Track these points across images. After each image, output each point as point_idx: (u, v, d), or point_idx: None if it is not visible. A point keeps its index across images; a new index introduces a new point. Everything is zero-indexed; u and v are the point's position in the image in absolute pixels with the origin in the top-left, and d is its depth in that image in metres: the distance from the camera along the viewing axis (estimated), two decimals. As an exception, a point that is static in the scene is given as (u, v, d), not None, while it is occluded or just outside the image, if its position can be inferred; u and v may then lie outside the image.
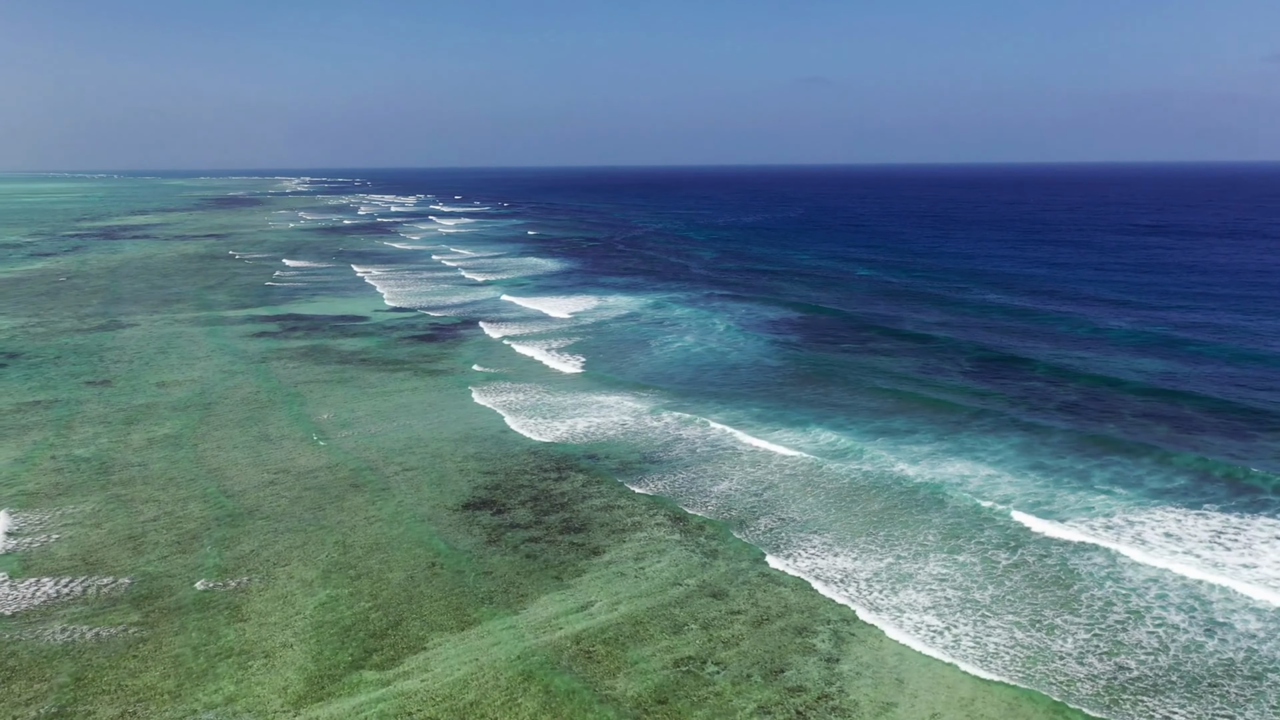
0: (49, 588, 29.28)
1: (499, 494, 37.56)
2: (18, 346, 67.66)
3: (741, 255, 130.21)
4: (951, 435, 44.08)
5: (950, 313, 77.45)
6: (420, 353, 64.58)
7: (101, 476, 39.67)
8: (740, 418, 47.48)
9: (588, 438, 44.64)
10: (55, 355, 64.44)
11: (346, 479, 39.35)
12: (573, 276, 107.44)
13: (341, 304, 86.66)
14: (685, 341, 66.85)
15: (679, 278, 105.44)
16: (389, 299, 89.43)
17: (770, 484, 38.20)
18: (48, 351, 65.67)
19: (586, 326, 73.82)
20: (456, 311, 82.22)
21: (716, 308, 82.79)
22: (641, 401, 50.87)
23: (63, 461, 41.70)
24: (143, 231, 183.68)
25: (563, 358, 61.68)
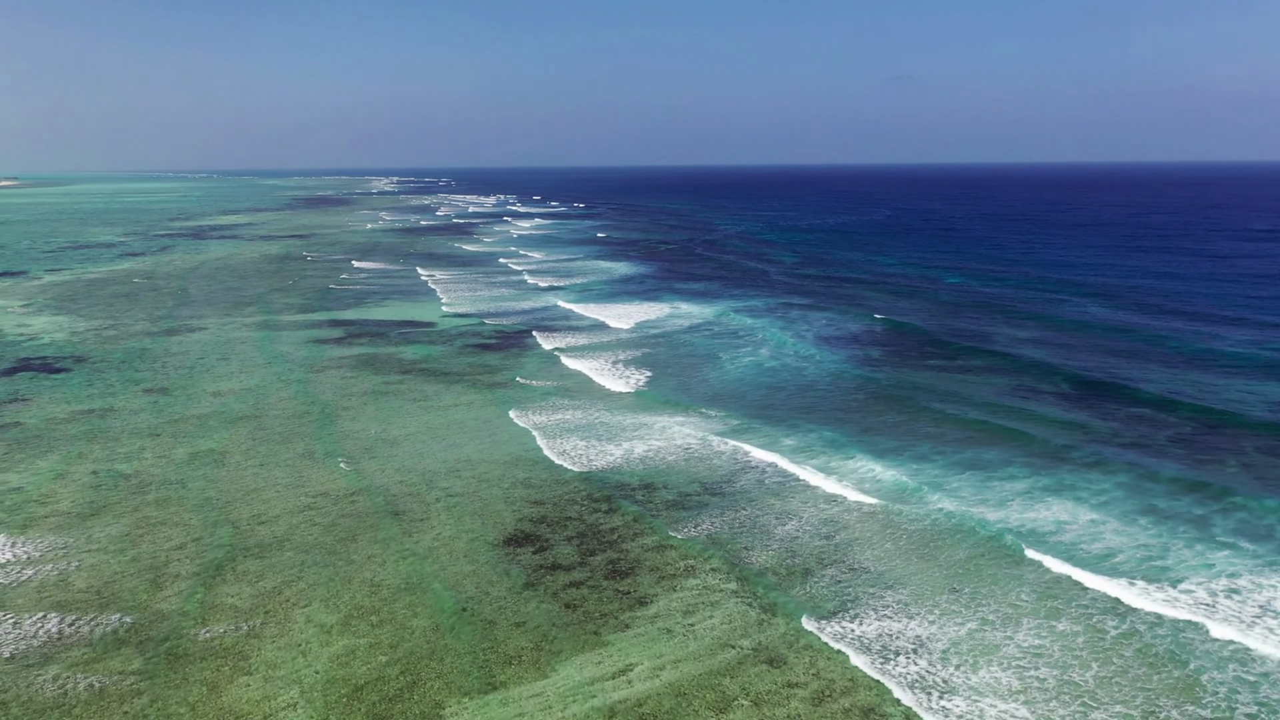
0: (54, 625, 27.38)
1: (544, 528, 34.70)
2: (87, 350, 67.61)
3: (823, 260, 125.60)
4: (1048, 471, 39.70)
5: (1046, 328, 72.12)
6: (481, 363, 62.32)
7: (137, 496, 38.08)
8: (813, 445, 43.78)
9: (645, 464, 41.51)
10: (120, 360, 64.05)
11: (386, 505, 36.99)
12: (645, 282, 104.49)
13: (409, 309, 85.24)
14: (758, 355, 63.22)
15: (756, 284, 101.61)
16: (456, 304, 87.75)
17: (842, 525, 34.54)
18: (114, 356, 65.37)
19: (654, 337, 70.72)
20: (522, 319, 79.97)
21: (793, 318, 78.86)
22: (706, 423, 47.53)
23: (103, 477, 40.31)
24: (230, 232, 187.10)
25: (626, 372, 58.70)
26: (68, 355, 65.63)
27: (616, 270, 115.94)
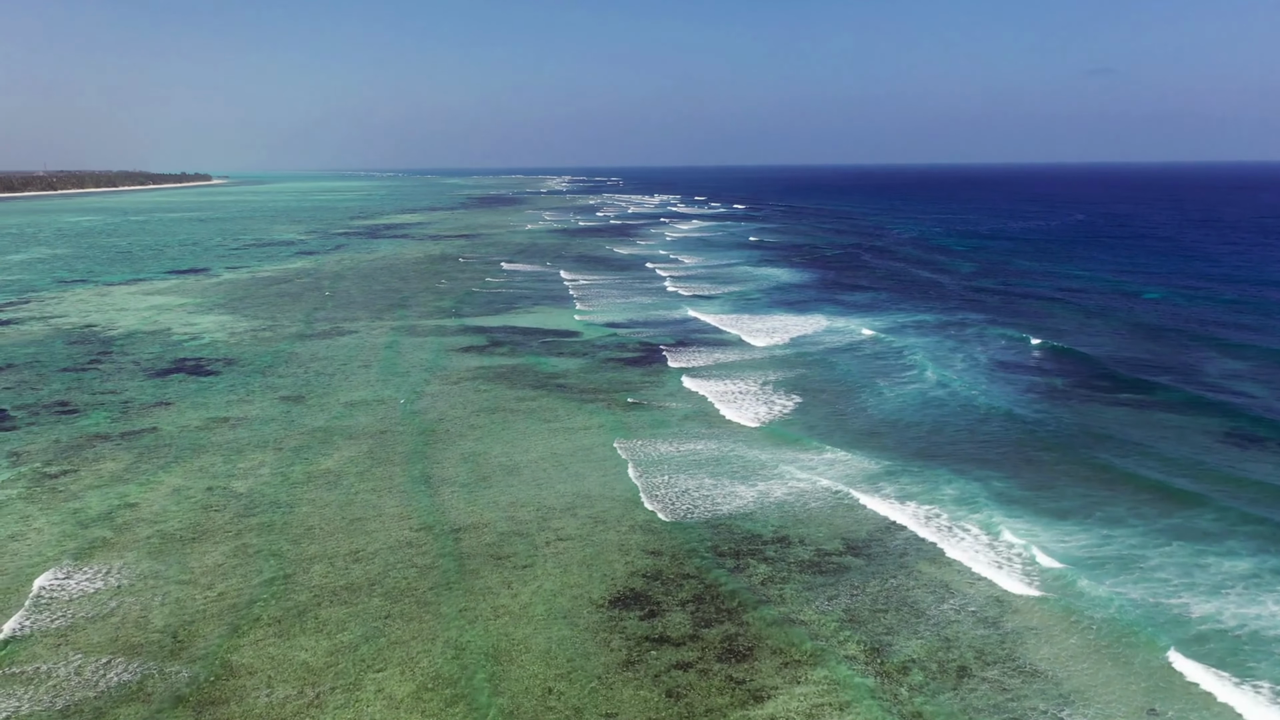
0: (117, 673, 25.37)
1: (657, 586, 30.61)
2: (240, 352, 68.48)
3: (1004, 270, 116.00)
4: (1277, 547, 32.47)
5: (1268, 360, 62.29)
6: (621, 380, 58.85)
7: (242, 519, 36.45)
8: (979, 498, 37.81)
9: (781, 512, 36.75)
10: (268, 364, 64.32)
11: (491, 546, 33.82)
12: (806, 291, 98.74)
13: (555, 316, 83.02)
14: (922, 382, 56.95)
15: (927, 296, 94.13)
16: (603, 313, 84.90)
17: (1010, 607, 28.82)
18: (263, 360, 65.79)
19: (810, 355, 65.39)
20: (669, 331, 76.14)
21: (967, 337, 71.70)
22: (857, 464, 42.21)
23: (215, 496, 39.06)
24: (403, 231, 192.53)
25: (772, 396, 53.83)
26: (220, 358, 66.55)
27: (774, 278, 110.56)
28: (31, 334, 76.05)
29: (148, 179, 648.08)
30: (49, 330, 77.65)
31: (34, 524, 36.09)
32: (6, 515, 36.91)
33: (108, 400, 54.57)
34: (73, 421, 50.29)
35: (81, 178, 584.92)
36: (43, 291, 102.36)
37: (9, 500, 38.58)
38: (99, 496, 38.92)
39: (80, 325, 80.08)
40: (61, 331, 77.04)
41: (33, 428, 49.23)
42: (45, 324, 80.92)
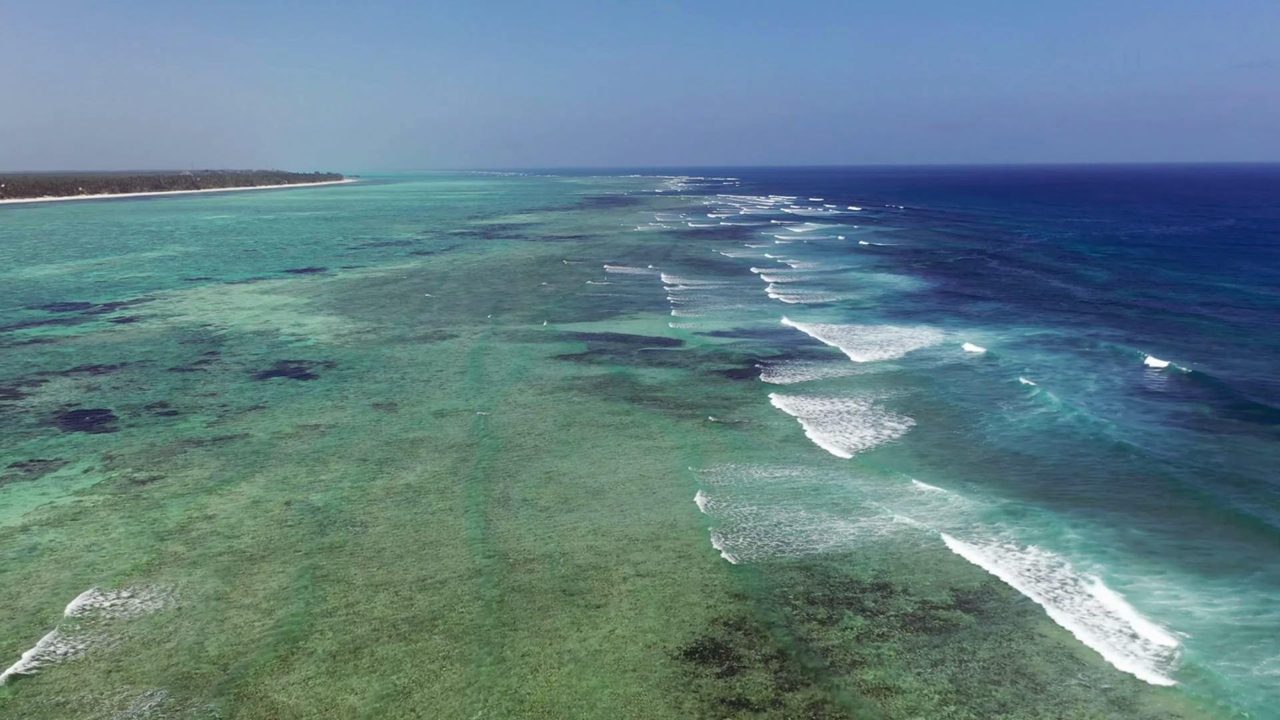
0: (161, 705, 24.09)
1: (739, 637, 27.78)
2: (341, 355, 68.49)
3: (1144, 280, 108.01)
4: None
5: None
6: (721, 395, 56.02)
7: (315, 538, 35.23)
8: (1112, 547, 33.59)
9: (884, 554, 33.37)
10: (366, 368, 63.95)
11: (565, 579, 31.58)
12: (923, 301, 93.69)
13: (660, 324, 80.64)
14: (1049, 405, 52.23)
15: (1057, 308, 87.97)
16: (709, 321, 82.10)
17: (1148, 689, 24.87)
18: (362, 364, 65.51)
19: (924, 372, 61.15)
20: (777, 342, 72.78)
21: (1100, 355, 66.09)
22: (972, 501, 38.33)
23: (293, 511, 38.05)
24: (517, 231, 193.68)
25: (884, 419, 50.10)
26: (322, 360, 66.61)
27: (889, 285, 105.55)
28: (149, 332, 78.06)
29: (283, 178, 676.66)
30: (166, 329, 79.61)
31: (112, 533, 35.70)
32: (88, 523, 36.67)
33: (207, 403, 54.84)
34: (170, 424, 50.53)
35: (222, 177, 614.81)
36: (168, 289, 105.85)
37: (94, 508, 38.43)
38: (179, 506, 38.41)
39: (196, 324, 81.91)
40: (177, 330, 78.86)
41: (132, 430, 49.62)
42: (164, 322, 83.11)
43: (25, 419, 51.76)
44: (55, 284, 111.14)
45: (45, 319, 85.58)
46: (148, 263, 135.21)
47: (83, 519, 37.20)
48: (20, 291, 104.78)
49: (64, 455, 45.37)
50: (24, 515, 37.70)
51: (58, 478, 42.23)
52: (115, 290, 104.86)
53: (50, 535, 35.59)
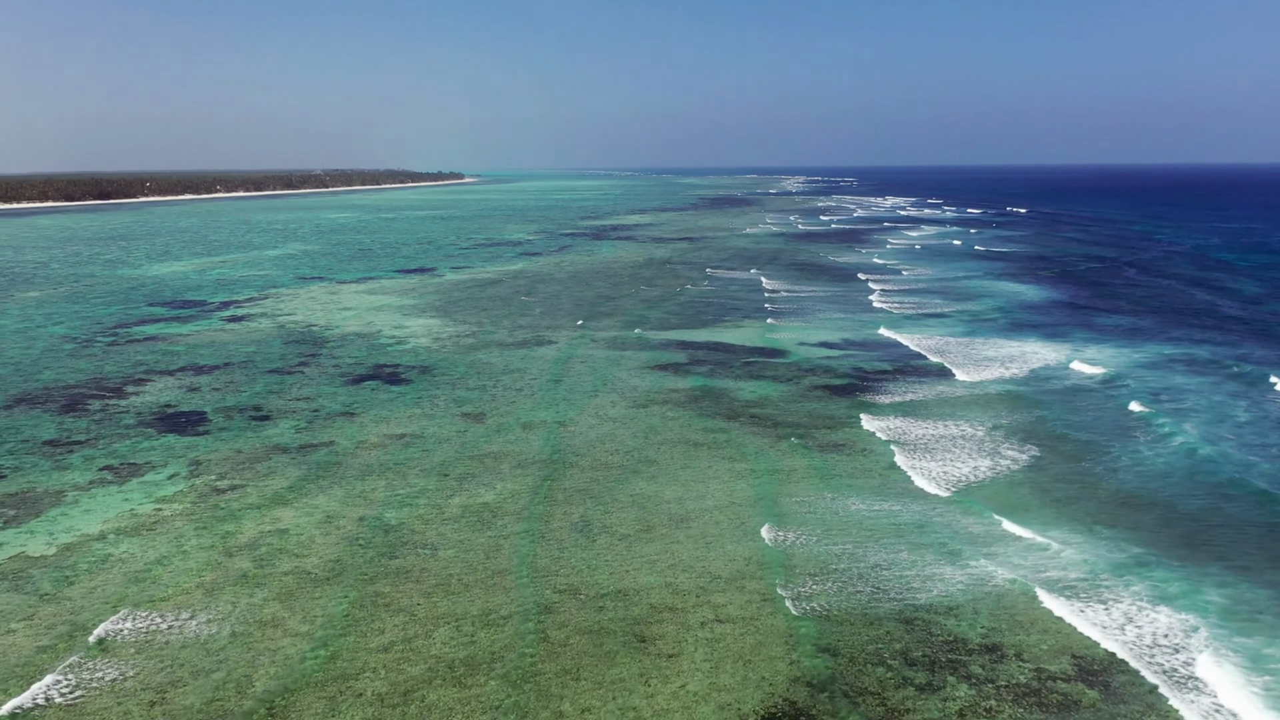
0: (193, 756, 22.70)
1: (824, 702, 24.78)
2: (438, 360, 67.75)
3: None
4: None
5: None
6: (823, 414, 52.68)
7: (383, 561, 33.73)
8: (1266, 612, 29.16)
9: (996, 609, 29.76)
10: (461, 375, 62.93)
11: (638, 621, 29.13)
12: (1052, 313, 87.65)
13: (764, 332, 77.42)
14: (1186, 437, 47.08)
15: (1202, 325, 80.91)
16: (816, 331, 78.41)
17: (1313, 800, 20.85)
18: (457, 370, 64.55)
19: (1049, 394, 56.35)
20: (891, 354, 68.69)
21: (1251, 379, 59.85)
22: (1098, 548, 34.21)
23: (366, 528, 36.72)
24: (628, 232, 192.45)
25: (1001, 446, 45.96)
26: (418, 365, 65.95)
27: (1015, 295, 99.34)
28: (257, 332, 79.19)
29: (407, 177, 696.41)
30: (273, 328, 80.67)
31: (184, 546, 34.99)
32: (162, 535, 36.10)
33: (299, 408, 54.54)
34: (260, 430, 50.26)
35: (350, 176, 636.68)
36: (282, 288, 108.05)
37: (171, 518, 37.94)
38: (254, 520, 37.56)
39: (301, 324, 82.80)
40: (283, 330, 79.78)
41: (223, 433, 49.52)
42: (272, 321, 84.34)
43: (125, 419, 52.36)
44: (179, 281, 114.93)
45: (164, 316, 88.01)
46: (267, 261, 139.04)
47: (158, 529, 36.69)
48: (146, 288, 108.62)
49: (154, 459, 45.40)
50: (104, 523, 37.48)
51: (143, 483, 42.11)
52: (232, 288, 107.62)
53: (124, 545, 35.13)
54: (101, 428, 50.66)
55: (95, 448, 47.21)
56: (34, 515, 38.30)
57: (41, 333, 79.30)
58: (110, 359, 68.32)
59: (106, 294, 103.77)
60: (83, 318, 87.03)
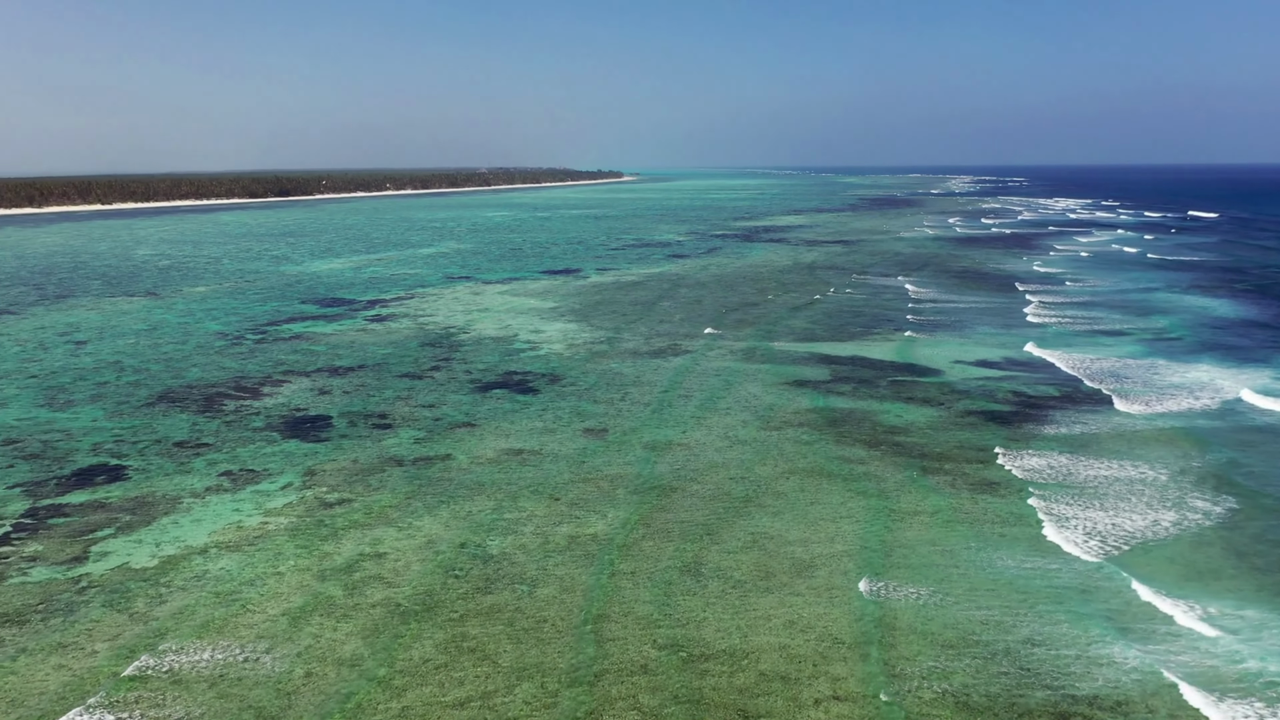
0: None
1: (956, 821, 20.68)
2: (568, 368, 65.82)
3: None
4: None
5: None
6: (974, 445, 47.55)
7: (475, 597, 31.45)
8: None
9: (1175, 705, 24.69)
10: (589, 385, 60.71)
11: (741, 693, 25.64)
12: (1246, 334, 78.11)
13: (917, 347, 71.94)
14: None
15: None
16: (975, 348, 72.29)
17: None
18: (586, 379, 62.38)
19: (1247, 433, 49.21)
20: (1058, 378, 62.18)
21: None
22: (1310, 635, 28.37)
23: (465, 557, 34.61)
24: (780, 234, 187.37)
25: (1187, 496, 39.84)
26: (546, 374, 64.16)
27: (1204, 312, 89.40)
28: (396, 333, 79.55)
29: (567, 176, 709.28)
30: (412, 330, 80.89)
31: (280, 566, 33.78)
32: (261, 553, 35.06)
33: (422, 416, 53.47)
34: (380, 438, 49.32)
35: (512, 175, 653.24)
36: (429, 287, 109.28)
37: (274, 533, 36.96)
38: (355, 540, 36.10)
39: (440, 326, 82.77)
40: (422, 332, 79.84)
41: (343, 441, 48.82)
42: (413, 322, 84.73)
43: (254, 421, 52.54)
44: (334, 279, 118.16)
45: (313, 314, 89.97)
46: (420, 259, 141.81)
47: (259, 546, 35.70)
48: (302, 285, 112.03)
49: (271, 466, 44.94)
50: (209, 535, 36.85)
51: (256, 492, 41.53)
52: (382, 286, 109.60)
53: (223, 562, 34.22)
54: (230, 430, 50.91)
55: (220, 451, 47.27)
56: (146, 523, 38.11)
57: (198, 329, 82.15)
58: (254, 358, 69.65)
59: (265, 290, 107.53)
60: (238, 314, 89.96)
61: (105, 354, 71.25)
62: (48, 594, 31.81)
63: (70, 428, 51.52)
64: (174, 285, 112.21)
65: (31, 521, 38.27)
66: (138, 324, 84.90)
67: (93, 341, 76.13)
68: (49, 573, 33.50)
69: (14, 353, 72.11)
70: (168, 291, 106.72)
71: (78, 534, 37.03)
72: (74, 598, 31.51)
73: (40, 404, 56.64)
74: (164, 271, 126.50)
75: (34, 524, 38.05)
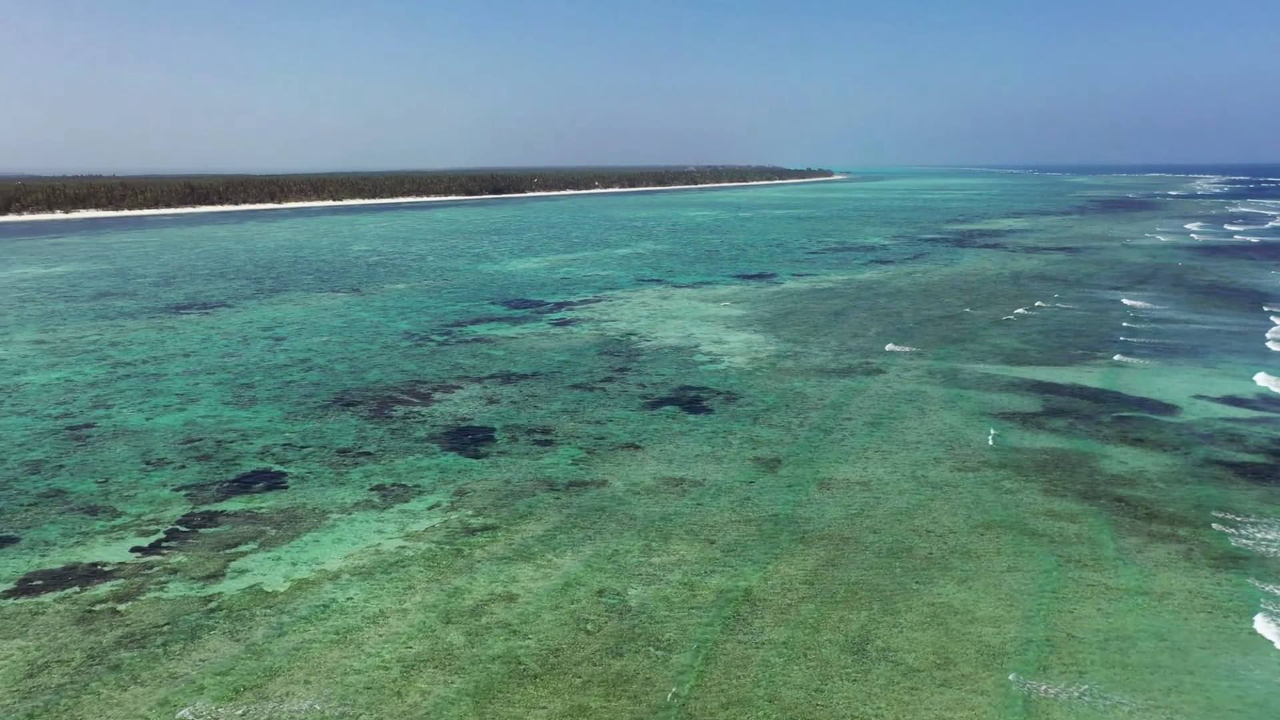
0: None
1: None
2: (746, 385, 61.55)
3: None
4: None
5: None
6: (1221, 506, 39.69)
7: (603, 659, 27.96)
8: None
9: None
10: (766, 406, 56.23)
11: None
12: None
13: (1150, 378, 62.73)
14: None
15: None
16: (1220, 379, 62.28)
17: None
18: (764, 399, 57.92)
19: None
20: (1327, 422, 52.05)
21: None
22: None
23: (601, 607, 31.22)
24: (995, 239, 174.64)
25: None
26: (723, 391, 60.14)
27: None
28: (577, 339, 77.79)
29: (775, 174, 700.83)
30: (592, 336, 78.91)
31: (407, 602, 31.59)
32: (392, 584, 33.04)
33: (585, 434, 50.76)
34: (538, 456, 46.93)
35: (719, 173, 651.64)
36: (618, 290, 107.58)
37: (409, 561, 34.95)
38: (488, 576, 33.51)
39: (622, 333, 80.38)
40: (602, 339, 77.69)
41: (500, 459, 46.76)
42: (594, 328, 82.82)
43: (418, 430, 51.53)
44: (527, 278, 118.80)
45: (499, 315, 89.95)
46: (614, 260, 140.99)
47: (391, 575, 33.72)
48: (495, 284, 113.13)
49: (424, 482, 43.36)
50: (346, 556, 35.31)
51: (403, 511, 39.89)
52: (572, 288, 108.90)
53: (351, 592, 32.42)
54: (393, 439, 50.02)
55: (378, 462, 46.28)
56: (290, 538, 37.10)
57: (388, 328, 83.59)
58: (433, 360, 69.54)
59: (460, 289, 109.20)
60: (429, 314, 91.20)
61: (298, 351, 73.26)
62: (176, 614, 30.93)
63: (247, 428, 52.24)
64: (377, 282, 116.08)
65: (185, 529, 38.12)
66: (335, 320, 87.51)
67: (290, 338, 78.72)
68: (184, 589, 32.79)
69: (220, 346, 75.44)
70: (370, 288, 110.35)
71: (223, 546, 36.42)
72: (200, 620, 30.46)
73: (227, 401, 58.16)
74: (371, 268, 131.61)
75: (186, 532, 37.87)
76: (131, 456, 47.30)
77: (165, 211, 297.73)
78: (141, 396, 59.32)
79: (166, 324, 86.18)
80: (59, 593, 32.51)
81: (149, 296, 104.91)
